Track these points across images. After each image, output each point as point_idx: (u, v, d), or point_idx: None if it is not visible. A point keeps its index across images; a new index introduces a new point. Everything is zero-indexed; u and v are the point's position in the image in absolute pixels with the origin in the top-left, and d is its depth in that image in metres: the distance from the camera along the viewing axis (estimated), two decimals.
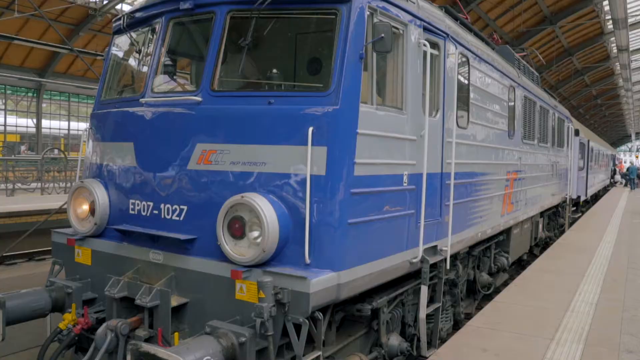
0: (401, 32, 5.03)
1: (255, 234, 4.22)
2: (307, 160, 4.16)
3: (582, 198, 22.06)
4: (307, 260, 4.15)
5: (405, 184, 5.08)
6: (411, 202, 5.19)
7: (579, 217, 20.47)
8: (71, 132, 40.93)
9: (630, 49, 31.82)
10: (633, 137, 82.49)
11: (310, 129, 4.18)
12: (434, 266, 5.83)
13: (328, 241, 4.21)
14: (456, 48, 6.15)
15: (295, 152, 4.25)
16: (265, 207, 4.14)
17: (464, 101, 6.62)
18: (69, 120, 40.77)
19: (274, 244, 4.16)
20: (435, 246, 5.80)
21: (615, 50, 34.95)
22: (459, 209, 6.46)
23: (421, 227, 5.26)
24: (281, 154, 4.31)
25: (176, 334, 4.36)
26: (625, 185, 46.30)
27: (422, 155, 5.27)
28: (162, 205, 4.76)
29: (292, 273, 4.04)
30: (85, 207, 5.31)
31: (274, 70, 5.15)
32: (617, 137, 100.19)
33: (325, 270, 4.14)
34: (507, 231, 9.53)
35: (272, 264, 4.26)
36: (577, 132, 19.51)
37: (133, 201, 4.98)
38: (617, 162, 54.37)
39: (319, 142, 4.21)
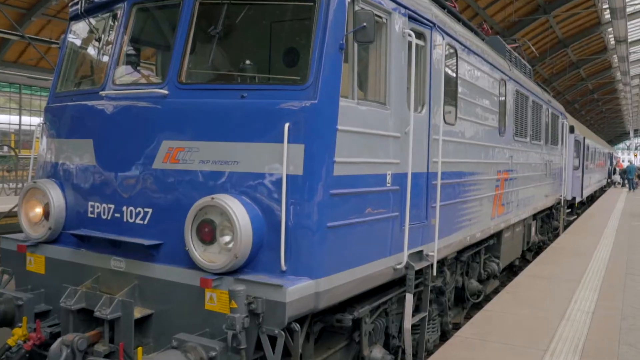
0: (384, 20, 5.08)
1: (227, 238, 4.23)
2: (283, 159, 4.18)
3: (578, 199, 22.45)
4: (283, 267, 4.16)
5: (388, 185, 5.13)
6: (395, 203, 5.24)
7: (574, 219, 20.85)
8: (23, 127, 40.23)
9: (629, 40, 32.35)
10: (631, 134, 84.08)
11: (287, 125, 4.20)
12: (419, 273, 5.89)
13: (305, 246, 4.23)
14: (443, 39, 6.23)
15: (270, 150, 4.27)
16: (237, 210, 4.15)
17: (451, 96, 6.71)
18: (20, 115, 40.07)
19: (246, 250, 4.17)
20: (421, 251, 5.87)
21: (612, 42, 35.62)
22: (447, 211, 6.54)
23: (406, 231, 5.32)
24: (255, 152, 4.32)
25: (139, 348, 4.33)
26: (623, 185, 47.20)
27: (407, 154, 5.33)
28: (124, 208, 4.73)
29: (267, 281, 4.06)
30: (39, 210, 5.24)
31: (247, 62, 5.16)
32: (615, 135, 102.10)
33: (302, 278, 4.17)
34: (497, 235, 9.67)
35: (245, 271, 4.26)
36: (572, 129, 19.86)
37: (92, 203, 4.94)
38: (614, 161, 55.39)
39: (296, 140, 4.23)
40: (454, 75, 6.81)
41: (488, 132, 8.27)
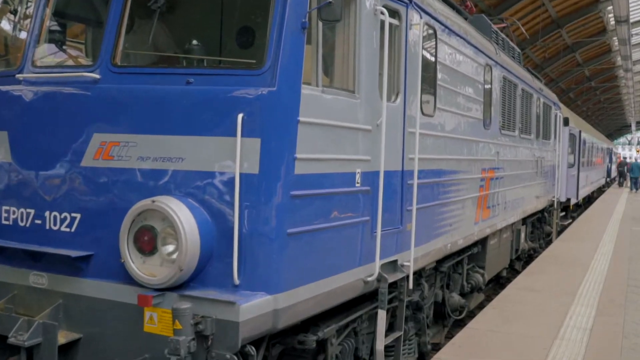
0: None
1: (170, 248, 4.22)
2: (236, 155, 4.19)
3: (573, 201, 23.00)
4: (236, 281, 4.18)
5: (358, 185, 5.18)
6: (365, 206, 5.30)
7: (569, 224, 21.34)
8: None
9: (631, 21, 32.94)
10: (633, 127, 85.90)
11: (240, 116, 4.21)
12: (393, 286, 5.96)
13: (262, 256, 4.25)
14: (421, 17, 6.32)
15: (221, 145, 4.28)
16: (182, 214, 4.15)
17: (429, 83, 6.81)
18: None
19: (193, 261, 4.17)
20: (395, 261, 5.94)
21: (612, 22, 36.32)
22: (424, 215, 6.63)
23: (377, 238, 5.39)
24: (203, 148, 4.32)
25: None
26: (620, 184, 48.52)
27: (379, 149, 5.39)
28: (46, 213, 4.67)
29: (217, 297, 4.07)
30: None
31: (194, 42, 5.15)
32: (615, 128, 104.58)
33: (258, 293, 4.19)
34: (482, 242, 9.84)
35: (192, 286, 4.27)
36: (566, 121, 20.33)
37: (7, 208, 4.87)
38: (614, 158, 56.83)
39: (251, 133, 4.25)
40: (433, 59, 6.91)
41: (471, 124, 8.41)
